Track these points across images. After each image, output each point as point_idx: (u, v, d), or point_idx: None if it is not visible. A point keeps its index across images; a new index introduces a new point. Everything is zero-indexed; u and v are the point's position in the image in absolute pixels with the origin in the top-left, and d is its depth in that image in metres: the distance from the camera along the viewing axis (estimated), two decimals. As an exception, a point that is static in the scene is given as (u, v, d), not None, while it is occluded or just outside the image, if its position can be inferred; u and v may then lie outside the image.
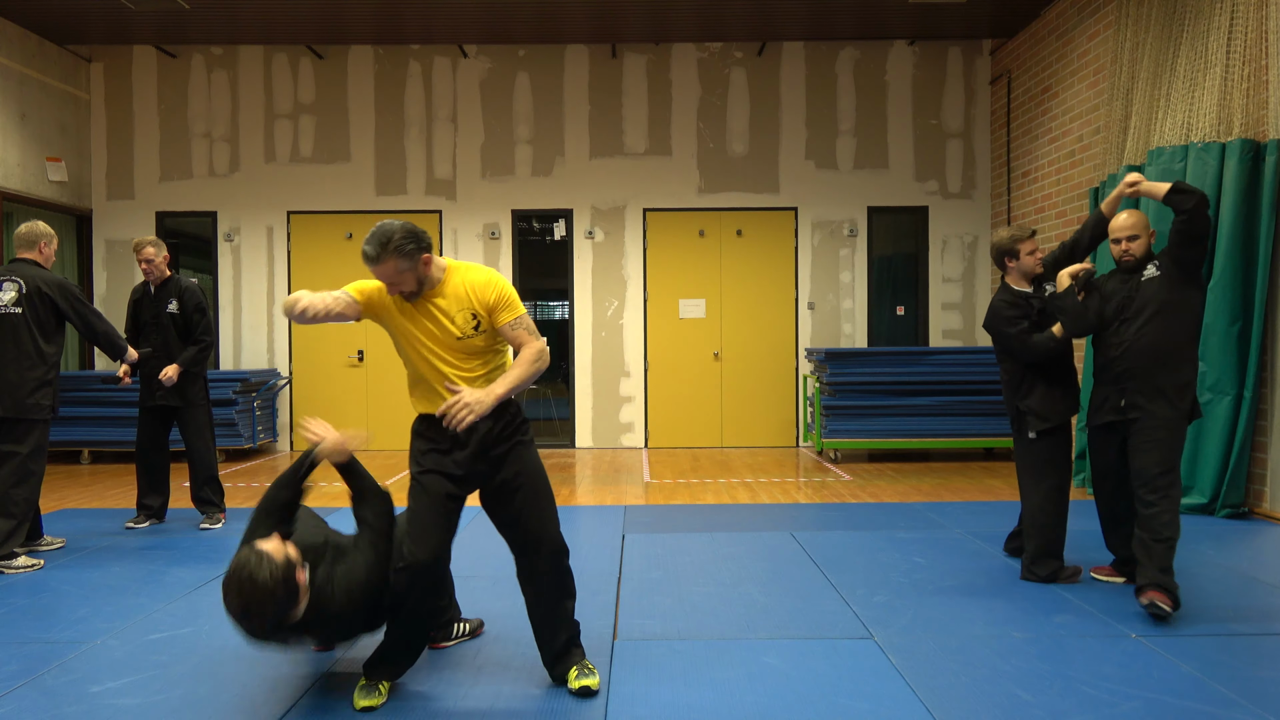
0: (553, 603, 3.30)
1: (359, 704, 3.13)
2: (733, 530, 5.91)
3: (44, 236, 5.37)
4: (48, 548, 5.45)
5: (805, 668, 3.48)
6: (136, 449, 6.11)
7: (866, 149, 10.33)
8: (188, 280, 6.10)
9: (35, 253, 5.34)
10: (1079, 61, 8.35)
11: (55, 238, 5.47)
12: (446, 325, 3.15)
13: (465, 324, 3.15)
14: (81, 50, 10.17)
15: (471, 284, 3.16)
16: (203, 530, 5.98)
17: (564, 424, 10.45)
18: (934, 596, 4.39)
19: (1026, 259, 4.64)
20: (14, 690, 3.33)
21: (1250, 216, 6.18)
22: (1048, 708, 3.10)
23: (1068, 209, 8.57)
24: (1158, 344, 4.16)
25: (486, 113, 10.31)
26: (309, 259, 10.32)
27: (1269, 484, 6.13)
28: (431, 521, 3.13)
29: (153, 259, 5.97)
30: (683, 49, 10.30)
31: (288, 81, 10.33)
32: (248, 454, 9.87)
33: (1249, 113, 6.23)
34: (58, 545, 5.51)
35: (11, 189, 9.07)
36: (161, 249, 6.03)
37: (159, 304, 6.02)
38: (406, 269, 3.05)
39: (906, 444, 8.93)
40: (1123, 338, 4.22)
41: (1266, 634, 3.83)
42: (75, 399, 9.24)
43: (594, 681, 3.25)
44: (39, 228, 5.37)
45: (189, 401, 6.01)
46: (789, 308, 10.37)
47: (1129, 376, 4.20)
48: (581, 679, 3.25)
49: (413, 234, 3.05)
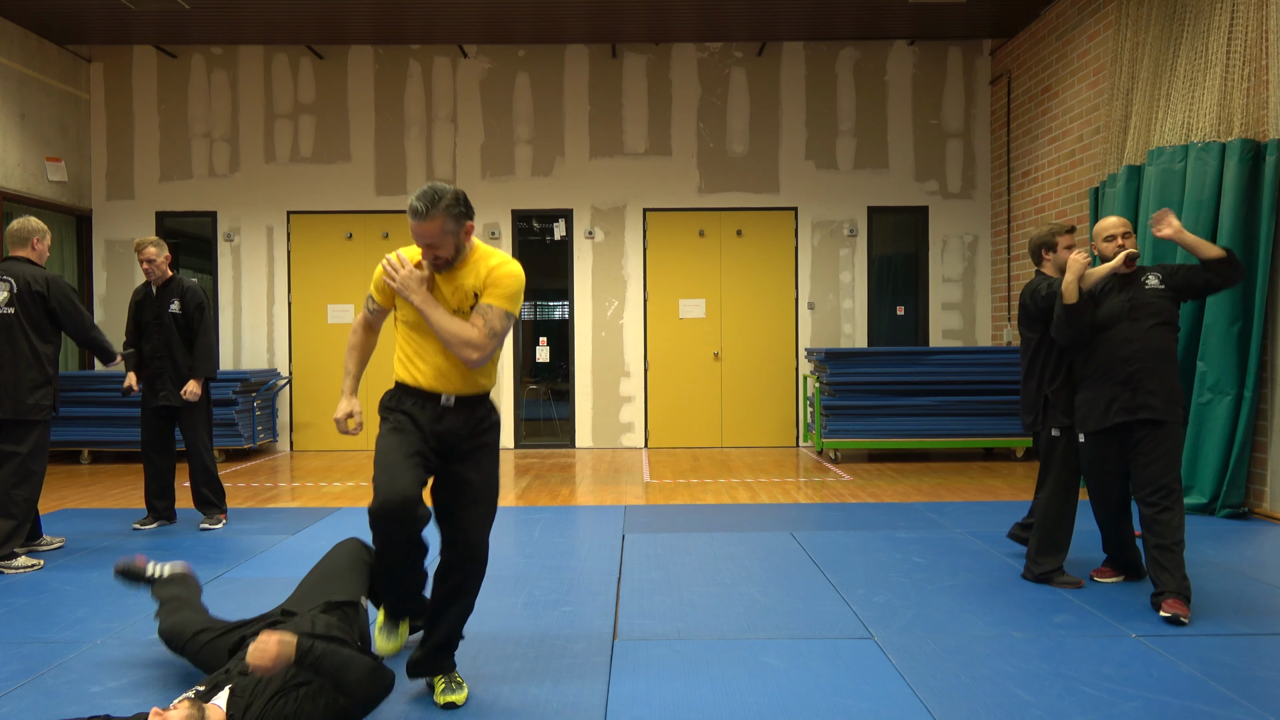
0: (454, 600, 3.22)
1: (381, 649, 3.27)
2: (733, 530, 5.90)
3: (36, 232, 5.31)
4: (47, 548, 5.45)
5: (805, 668, 3.48)
6: (142, 451, 6.12)
7: (866, 149, 10.33)
8: (189, 280, 6.08)
9: (28, 250, 5.27)
10: (1079, 61, 8.35)
11: (48, 233, 5.41)
12: (461, 299, 3.11)
13: (466, 301, 3.12)
14: (81, 50, 10.17)
15: (490, 265, 3.13)
16: (203, 530, 5.98)
17: (564, 424, 10.45)
18: (934, 596, 4.39)
19: (1063, 252, 4.68)
20: (14, 690, 3.33)
21: (1250, 216, 6.18)
22: (1048, 708, 3.10)
23: (1068, 209, 8.57)
24: (1164, 347, 4.20)
25: (486, 113, 10.31)
26: (309, 259, 10.32)
27: (1269, 484, 6.13)
28: (400, 463, 2.99)
29: (154, 259, 5.94)
30: (683, 49, 10.31)
31: (288, 81, 10.34)
32: (248, 454, 9.87)
33: (1249, 113, 6.23)
34: (56, 545, 5.50)
35: (11, 189, 9.07)
36: (163, 249, 6.00)
37: (161, 304, 6.00)
38: (450, 231, 3.02)
39: (906, 444, 8.93)
40: (1132, 335, 4.20)
41: (1266, 634, 3.83)
42: (75, 399, 9.24)
43: (460, 697, 3.16)
44: (30, 224, 5.29)
45: (189, 401, 5.99)
46: (789, 308, 10.37)
47: (1144, 375, 4.15)
48: (448, 694, 3.16)
49: (463, 199, 3.05)
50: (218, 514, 6.12)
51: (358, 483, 7.99)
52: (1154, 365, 4.16)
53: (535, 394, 10.51)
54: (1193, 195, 6.41)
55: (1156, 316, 4.21)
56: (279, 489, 7.74)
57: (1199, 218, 6.36)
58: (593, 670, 3.49)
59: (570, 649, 3.73)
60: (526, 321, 10.51)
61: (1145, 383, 4.15)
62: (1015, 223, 9.70)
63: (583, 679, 3.40)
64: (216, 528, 6.04)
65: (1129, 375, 4.18)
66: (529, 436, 10.47)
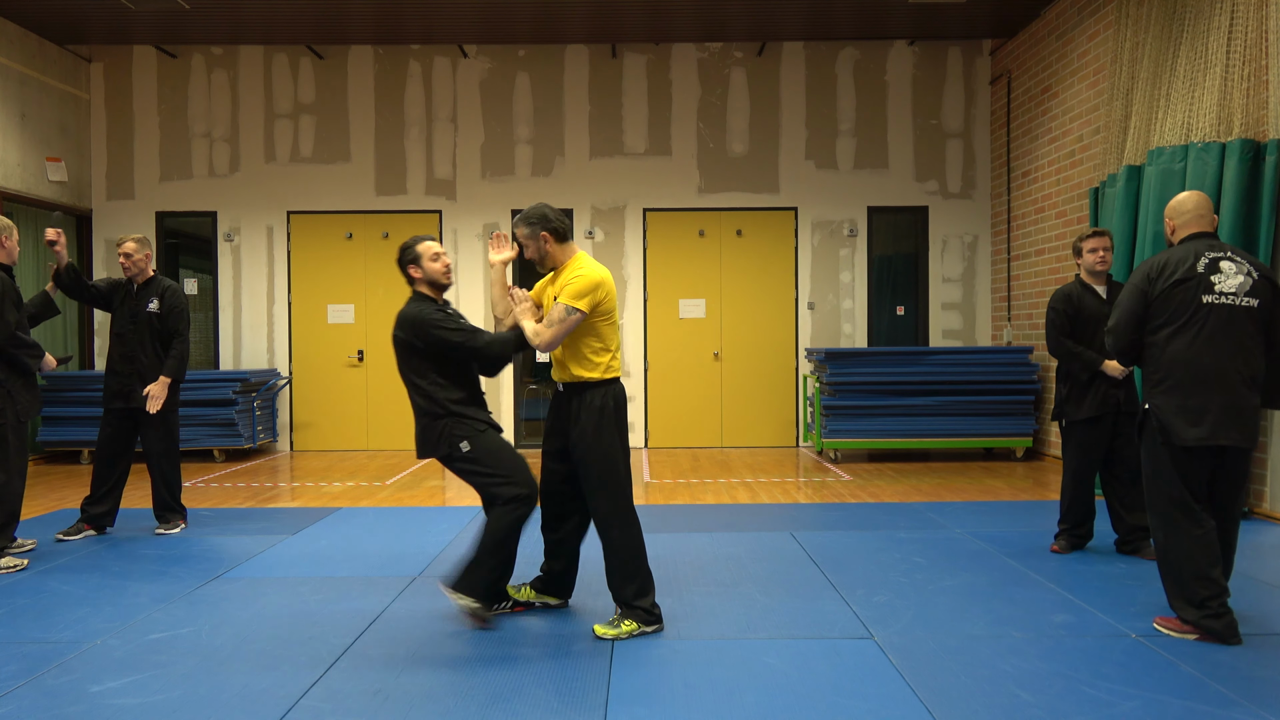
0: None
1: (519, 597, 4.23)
2: (733, 530, 5.91)
3: (3, 230, 5.15)
4: (19, 550, 5.33)
5: (805, 668, 3.48)
6: (96, 452, 5.84)
7: (866, 149, 10.33)
8: (170, 281, 5.88)
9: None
10: (1079, 61, 8.35)
11: (14, 229, 5.21)
12: (550, 302, 3.95)
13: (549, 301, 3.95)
14: (81, 50, 10.17)
15: (568, 274, 3.90)
16: (158, 535, 5.82)
17: (564, 424, 10.43)
18: (934, 596, 4.39)
19: (1088, 256, 5.14)
20: (14, 690, 3.33)
21: (1250, 216, 6.18)
22: (1048, 708, 3.10)
23: (1068, 209, 8.57)
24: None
25: (486, 113, 10.31)
26: (309, 259, 10.32)
27: (1269, 484, 6.13)
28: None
29: (132, 254, 5.72)
30: (683, 49, 10.30)
31: (288, 81, 10.33)
32: (248, 454, 9.87)
33: (1249, 113, 6.23)
34: (29, 547, 5.39)
35: (11, 189, 9.06)
36: (144, 246, 5.78)
37: (140, 302, 5.78)
38: (528, 238, 3.97)
39: (906, 444, 8.93)
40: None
41: (1266, 634, 3.83)
42: (75, 399, 9.24)
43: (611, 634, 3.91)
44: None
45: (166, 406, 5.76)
46: (789, 308, 10.37)
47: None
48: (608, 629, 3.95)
49: (542, 216, 3.95)
50: (177, 520, 5.93)
51: (357, 483, 7.99)
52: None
53: (535, 394, 10.51)
54: (1193, 195, 6.41)
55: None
56: (279, 489, 7.74)
57: (1199, 218, 6.36)
58: (593, 670, 3.49)
59: (570, 649, 3.73)
60: (526, 321, 10.50)
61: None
62: (1015, 223, 9.71)
63: (583, 679, 3.41)
64: (174, 532, 5.88)
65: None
66: (529, 436, 10.47)
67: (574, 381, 3.94)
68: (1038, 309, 9.19)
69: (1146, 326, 3.85)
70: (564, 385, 4.00)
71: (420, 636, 3.88)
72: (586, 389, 3.92)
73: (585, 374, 3.92)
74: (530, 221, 3.94)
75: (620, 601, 3.91)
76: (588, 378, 3.92)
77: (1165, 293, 3.77)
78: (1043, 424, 9.16)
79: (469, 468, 3.92)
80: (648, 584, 3.93)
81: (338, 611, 4.22)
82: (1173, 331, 3.76)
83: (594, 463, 3.87)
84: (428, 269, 4.09)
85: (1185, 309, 3.74)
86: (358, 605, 4.31)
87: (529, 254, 4.00)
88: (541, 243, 3.95)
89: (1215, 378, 3.69)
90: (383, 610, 4.25)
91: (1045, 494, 7.22)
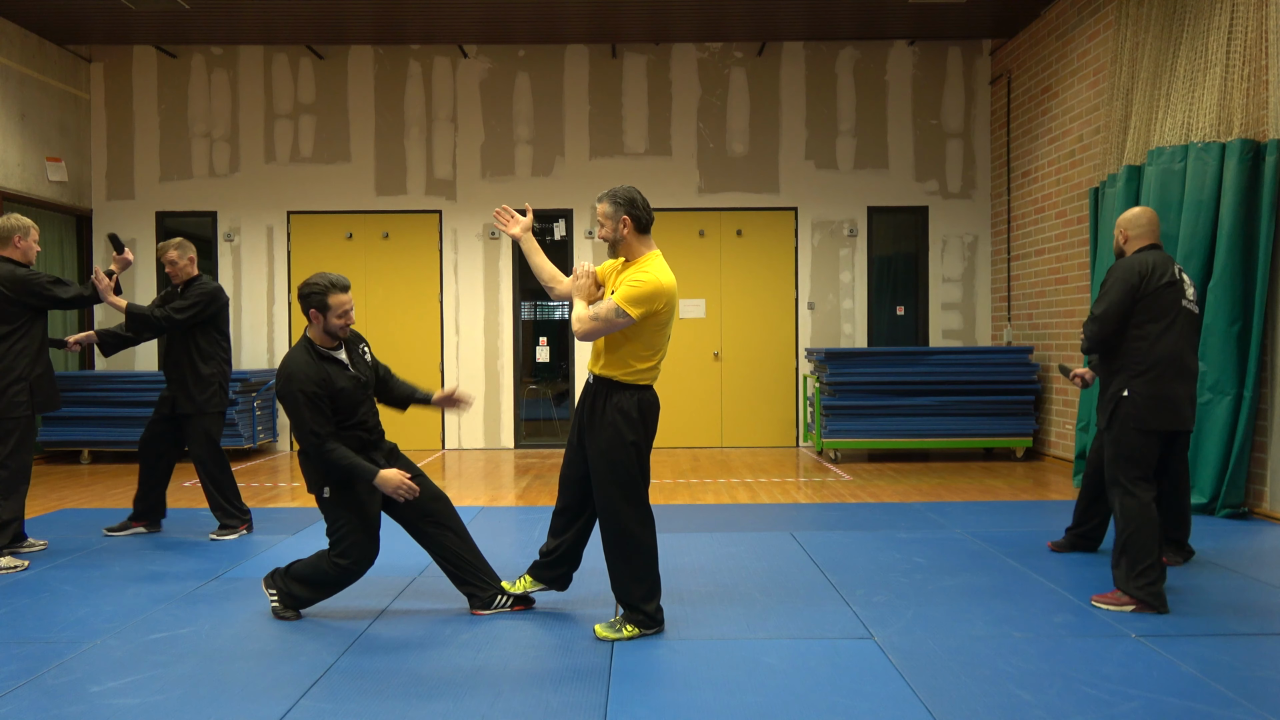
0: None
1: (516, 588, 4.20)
2: (733, 530, 5.91)
3: (17, 230, 5.17)
4: (28, 549, 5.36)
5: (805, 668, 3.48)
6: (138, 449, 5.85)
7: (866, 149, 10.33)
8: (207, 278, 5.83)
9: (10, 249, 5.16)
10: (1079, 61, 8.35)
11: (32, 229, 5.24)
12: (609, 292, 3.82)
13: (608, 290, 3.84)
14: (81, 50, 10.17)
15: (631, 271, 3.78)
16: (211, 540, 5.74)
17: (564, 424, 10.44)
18: (934, 596, 4.39)
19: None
20: (14, 690, 3.33)
21: (1250, 216, 6.18)
22: (1048, 708, 3.10)
23: (1068, 209, 8.57)
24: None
25: (486, 113, 10.31)
26: (309, 259, 10.32)
27: (1269, 484, 6.13)
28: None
29: (175, 261, 5.73)
30: (683, 49, 10.31)
31: (288, 81, 10.34)
32: (248, 454, 9.87)
33: (1249, 113, 6.23)
34: (39, 547, 5.42)
35: (11, 189, 9.06)
36: (186, 251, 5.77)
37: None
38: (608, 216, 3.81)
39: (906, 444, 8.93)
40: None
41: (1266, 634, 3.83)
42: (75, 399, 9.23)
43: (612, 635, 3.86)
44: (10, 221, 5.17)
45: (199, 409, 5.71)
46: (789, 308, 10.37)
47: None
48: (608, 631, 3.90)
49: (630, 200, 3.79)
50: (231, 525, 5.80)
51: (358, 483, 7.97)
52: None
53: (535, 394, 10.51)
54: (1192, 195, 6.41)
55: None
56: (279, 489, 7.74)
57: (1199, 218, 6.36)
58: (593, 670, 3.49)
59: (570, 649, 3.73)
60: (527, 322, 10.51)
61: None
62: (1015, 223, 9.71)
63: (583, 679, 3.41)
64: (229, 538, 5.76)
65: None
66: (529, 436, 10.47)
67: (606, 378, 3.84)
68: (1038, 309, 9.19)
69: (1131, 320, 4.23)
70: (594, 377, 3.90)
71: (420, 636, 3.89)
72: (616, 389, 3.81)
73: (618, 375, 3.81)
74: (616, 201, 3.78)
75: (625, 603, 3.88)
76: (619, 379, 3.81)
77: (1157, 292, 4.21)
78: (1043, 424, 9.16)
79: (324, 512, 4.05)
80: (656, 588, 3.88)
81: (337, 611, 4.22)
82: (1163, 328, 4.20)
83: (603, 458, 3.78)
84: (330, 324, 3.98)
85: (1171, 309, 4.23)
86: (357, 605, 4.31)
87: (602, 234, 3.84)
88: (620, 226, 3.79)
89: (1187, 371, 4.25)
90: (382, 610, 4.25)
91: (1045, 494, 7.22)
